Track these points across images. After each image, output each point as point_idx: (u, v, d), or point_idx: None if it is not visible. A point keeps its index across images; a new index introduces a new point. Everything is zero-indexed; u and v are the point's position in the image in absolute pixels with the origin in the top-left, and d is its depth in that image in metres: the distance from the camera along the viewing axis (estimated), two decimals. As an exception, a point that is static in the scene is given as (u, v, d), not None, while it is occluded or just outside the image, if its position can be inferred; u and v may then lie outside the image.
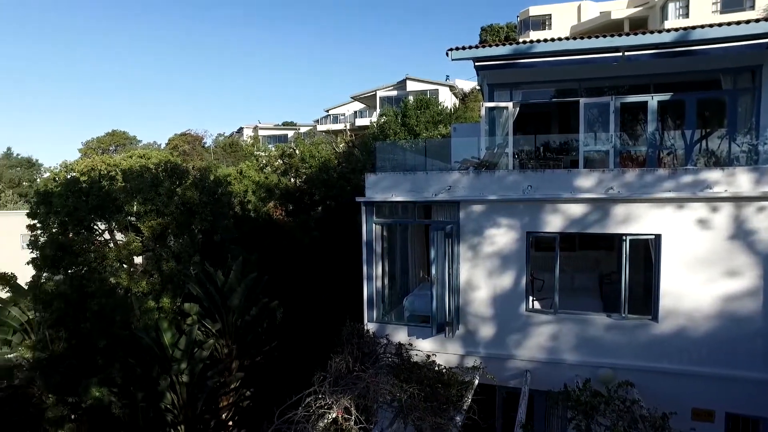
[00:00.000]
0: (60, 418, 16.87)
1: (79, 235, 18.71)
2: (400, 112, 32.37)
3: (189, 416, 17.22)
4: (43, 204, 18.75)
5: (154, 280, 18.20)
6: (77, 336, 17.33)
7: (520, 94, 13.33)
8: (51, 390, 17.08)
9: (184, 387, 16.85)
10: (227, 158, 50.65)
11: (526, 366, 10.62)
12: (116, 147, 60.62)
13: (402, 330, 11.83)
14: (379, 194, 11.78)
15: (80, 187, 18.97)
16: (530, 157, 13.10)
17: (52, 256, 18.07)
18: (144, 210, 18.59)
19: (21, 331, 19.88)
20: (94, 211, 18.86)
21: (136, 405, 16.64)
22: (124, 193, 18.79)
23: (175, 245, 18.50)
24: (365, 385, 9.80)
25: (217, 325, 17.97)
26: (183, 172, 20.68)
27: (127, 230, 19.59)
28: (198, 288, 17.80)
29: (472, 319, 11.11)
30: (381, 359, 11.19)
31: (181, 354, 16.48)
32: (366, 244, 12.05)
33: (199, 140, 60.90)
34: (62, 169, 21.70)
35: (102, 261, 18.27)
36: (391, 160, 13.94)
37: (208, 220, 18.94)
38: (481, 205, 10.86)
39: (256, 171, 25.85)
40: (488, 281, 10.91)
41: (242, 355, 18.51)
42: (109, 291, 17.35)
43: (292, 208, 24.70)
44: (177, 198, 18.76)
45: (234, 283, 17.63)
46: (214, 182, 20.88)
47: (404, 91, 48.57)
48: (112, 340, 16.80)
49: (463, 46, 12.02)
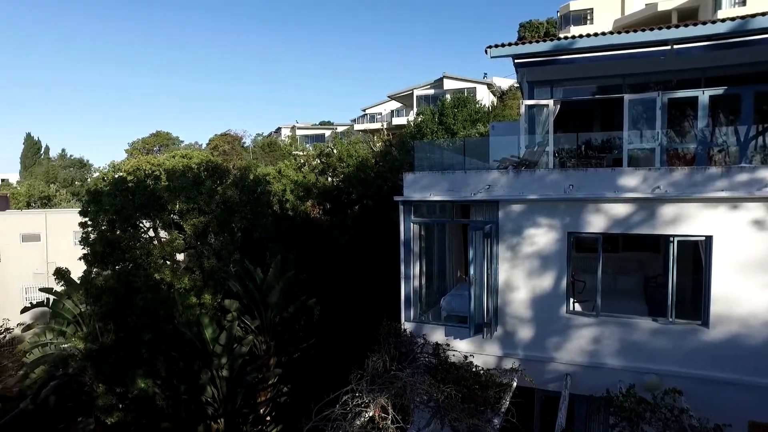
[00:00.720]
0: (109, 406, 17.60)
1: (126, 232, 19.43)
2: (437, 111, 32.15)
3: (228, 410, 17.65)
4: (94, 202, 19.56)
5: (195, 276, 18.71)
6: (124, 329, 18.01)
7: (561, 92, 13.01)
8: (101, 379, 17.84)
9: (224, 381, 17.27)
10: (265, 158, 51.52)
11: (566, 369, 10.37)
12: (160, 147, 62.61)
13: (439, 330, 11.73)
14: (417, 193, 11.72)
15: (127, 187, 19.71)
16: (571, 155, 12.78)
17: (101, 252, 18.83)
18: (186, 208, 19.14)
19: (74, 323, 20.87)
20: (140, 210, 19.54)
21: (179, 397, 17.17)
22: (167, 192, 19.39)
23: (215, 243, 18.97)
24: (402, 385, 9.78)
25: (256, 322, 18.33)
26: (224, 171, 21.19)
27: (171, 228, 20.20)
28: (238, 285, 18.19)
29: (510, 320, 10.93)
30: (418, 359, 11.15)
31: (221, 349, 16.89)
32: (403, 243, 12.01)
33: (239, 140, 62.21)
34: (110, 169, 22.61)
35: (147, 257, 18.92)
36: (429, 159, 13.85)
37: (247, 218, 19.33)
38: (520, 204, 10.66)
39: (294, 170, 26.20)
40: (527, 282, 10.70)
41: (280, 351, 18.82)
42: (154, 286, 17.96)
43: (330, 207, 24.90)
44: (218, 197, 19.23)
45: (272, 281, 17.93)
46: (254, 181, 21.29)
47: (441, 89, 48.22)
48: (157, 333, 17.37)
49: (502, 43, 11.82)
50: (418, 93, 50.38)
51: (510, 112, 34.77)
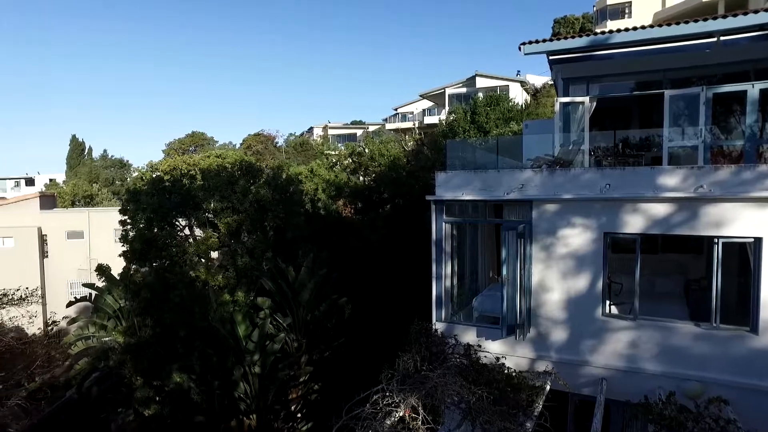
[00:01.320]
0: (147, 398, 18.11)
1: (163, 230, 19.93)
2: (470, 110, 31.86)
3: (260, 406, 17.90)
4: (132, 201, 20.13)
5: (229, 274, 19.04)
6: (161, 324, 18.49)
7: (597, 88, 12.67)
8: (139, 372, 18.38)
9: (256, 378, 17.52)
10: (298, 157, 52.11)
11: (601, 373, 10.08)
12: (195, 147, 64.11)
13: (470, 331, 11.60)
14: (449, 192, 11.61)
15: (164, 186, 20.21)
16: (607, 154, 12.41)
17: (139, 249, 19.36)
18: (221, 207, 19.49)
19: (114, 317, 21.60)
20: (176, 208, 20.01)
21: (213, 392, 17.51)
22: (202, 191, 19.79)
23: (249, 241, 19.27)
24: (433, 385, 9.70)
25: (288, 320, 18.52)
26: (257, 171, 21.50)
27: (206, 226, 20.63)
28: (270, 283, 18.43)
29: (543, 321, 10.70)
30: (449, 359, 11.04)
31: (254, 346, 17.14)
32: (435, 242, 11.92)
33: (272, 140, 63.11)
34: (148, 169, 23.26)
35: (183, 255, 19.36)
36: (461, 158, 13.72)
37: (280, 217, 19.56)
38: (555, 204, 10.42)
39: (326, 169, 26.41)
40: (562, 283, 10.45)
41: (311, 349, 18.97)
42: (189, 283, 18.36)
43: (361, 206, 24.99)
44: (251, 196, 19.51)
45: (305, 279, 18.09)
46: (286, 181, 21.53)
47: (473, 87, 47.75)
48: (192, 329, 17.76)
49: (536, 39, 11.59)
50: (450, 91, 50.02)
51: (544, 110, 34.15)
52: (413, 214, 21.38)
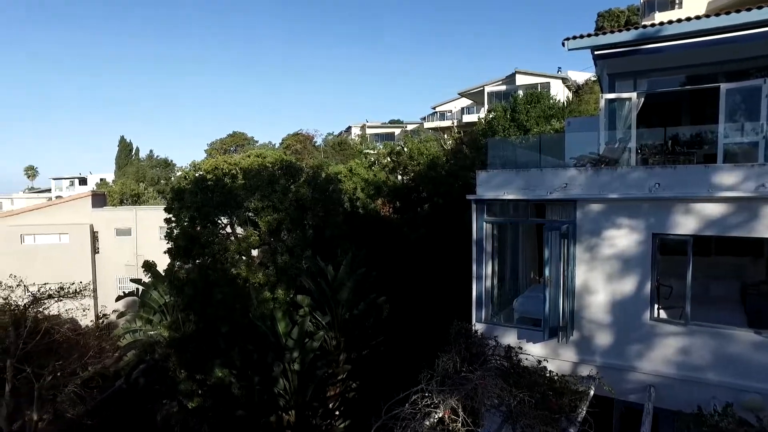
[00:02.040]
0: (190, 391, 18.63)
1: (205, 228, 20.45)
2: (509, 108, 31.30)
3: (299, 402, 18.12)
4: (177, 200, 20.74)
5: (269, 272, 19.35)
6: (204, 320, 18.98)
7: (646, 83, 12.17)
8: (183, 366, 18.93)
9: (295, 375, 17.75)
10: (336, 156, 52.53)
11: (649, 380, 9.68)
12: (236, 147, 65.53)
13: (511, 332, 11.38)
14: (490, 192, 11.41)
15: (207, 185, 20.72)
16: (655, 151, 11.92)
17: (183, 246, 19.93)
18: (261, 206, 19.82)
19: (160, 312, 22.31)
20: (218, 207, 20.48)
21: (253, 387, 17.85)
22: (244, 190, 20.18)
23: (288, 240, 19.53)
24: (473, 387, 9.56)
25: (327, 318, 18.67)
26: (297, 170, 21.77)
27: (246, 225, 21.04)
28: (309, 281, 18.63)
29: (587, 324, 10.38)
30: (489, 361, 10.86)
31: (293, 343, 17.37)
32: (476, 242, 11.74)
33: (310, 139, 63.86)
34: (191, 169, 23.90)
35: (224, 253, 19.81)
36: (502, 157, 13.49)
37: (319, 216, 19.75)
38: (600, 204, 10.09)
39: (365, 169, 26.49)
40: (607, 285, 10.11)
41: (350, 348, 19.07)
42: (231, 281, 18.78)
43: (400, 205, 24.96)
44: (291, 195, 19.78)
45: (343, 278, 18.20)
46: (326, 180, 21.72)
47: (513, 85, 46.91)
48: (233, 326, 18.16)
49: (580, 34, 11.24)
50: (489, 89, 49.32)
51: (586, 107, 33.22)
52: (452, 214, 21.18)
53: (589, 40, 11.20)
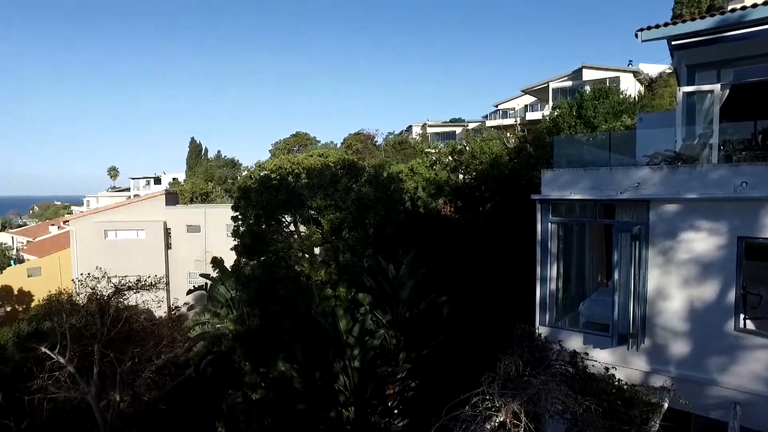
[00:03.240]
0: (254, 383, 19.29)
1: (270, 226, 21.06)
2: (575, 104, 30.14)
3: (359, 399, 18.31)
4: (243, 199, 21.49)
5: (331, 270, 19.67)
6: (268, 315, 19.58)
7: (731, 74, 11.28)
8: (247, 359, 19.63)
9: (355, 372, 17.95)
10: (396, 156, 52.65)
11: (734, 396, 8.97)
12: (299, 147, 67.14)
13: (576, 337, 10.95)
14: (556, 191, 11.03)
15: (272, 184, 21.33)
16: (742, 147, 11.05)
17: (249, 244, 20.64)
18: (324, 205, 20.17)
19: (226, 306, 23.29)
20: (283, 205, 21.03)
21: (314, 382, 18.22)
22: (307, 189, 20.61)
23: (350, 238, 19.77)
24: (536, 392, 9.30)
25: (387, 317, 18.75)
26: (359, 169, 22.00)
27: (309, 223, 21.49)
28: (371, 280, 18.77)
29: (660, 332, 9.80)
30: (553, 366, 10.52)
31: (354, 341, 17.57)
32: (540, 243, 11.39)
33: (371, 139, 64.43)
34: (256, 168, 24.72)
35: (288, 250, 20.32)
36: (568, 156, 12.99)
37: (380, 215, 19.85)
38: (677, 204, 9.48)
39: (426, 168, 26.39)
40: (683, 291, 9.49)
41: (409, 347, 19.05)
42: (294, 278, 19.25)
43: (461, 204, 24.67)
44: (353, 194, 20.00)
45: (404, 277, 18.21)
46: (387, 179, 21.81)
47: (580, 80, 45.13)
48: (296, 321, 18.61)
49: (656, 24, 10.59)
50: (554, 86, 47.73)
51: (660, 101, 31.39)
52: (515, 214, 20.69)
53: (666, 29, 10.54)
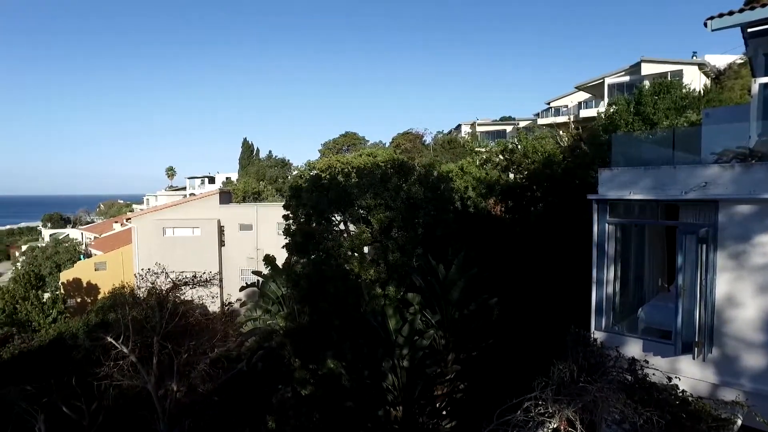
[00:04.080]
0: (304, 380, 19.60)
1: (320, 225, 21.34)
2: (633, 100, 28.84)
3: (407, 399, 18.26)
4: (294, 198, 21.89)
5: (380, 269, 19.71)
6: (317, 312, 19.84)
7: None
8: (297, 355, 19.97)
9: (404, 371, 17.91)
10: (445, 155, 52.21)
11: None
12: (348, 147, 67.78)
13: (635, 343, 10.49)
14: (614, 191, 10.60)
15: (322, 183, 21.61)
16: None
17: (299, 242, 20.99)
18: (374, 204, 20.24)
19: (277, 303, 23.77)
20: (333, 204, 21.26)
21: (362, 380, 18.30)
22: (357, 188, 20.75)
23: (399, 237, 19.75)
24: (592, 399, 8.96)
25: (437, 317, 18.61)
26: (409, 168, 21.97)
27: (359, 222, 21.62)
28: (420, 279, 18.68)
29: (731, 341, 9.21)
30: (609, 373, 10.10)
31: (403, 340, 17.54)
32: (597, 245, 10.98)
33: (420, 138, 64.18)
34: (307, 168, 25.13)
35: (338, 249, 20.53)
36: (626, 153, 12.43)
37: (430, 214, 19.73)
38: (750, 205, 8.87)
39: (476, 167, 26.02)
40: (758, 299, 8.88)
41: (459, 348, 18.84)
42: (343, 276, 19.41)
43: (512, 204, 24.16)
44: (403, 193, 19.98)
45: (454, 277, 18.01)
46: (437, 178, 21.67)
47: (638, 75, 43.17)
48: (345, 319, 18.76)
49: (729, 11, 9.91)
50: (610, 81, 45.91)
51: (730, 94, 29.60)
52: (568, 214, 20.06)
53: (740, 16, 9.83)
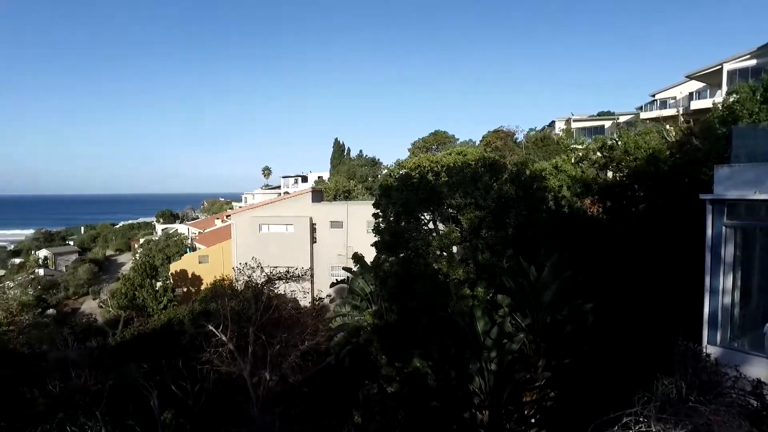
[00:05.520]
0: (390, 377, 19.75)
1: (409, 223, 21.37)
2: (761, 86, 25.66)
3: (494, 403, 17.76)
4: (384, 196, 22.10)
5: (469, 269, 19.35)
6: (405, 311, 19.89)
7: None
8: (384, 352, 20.16)
9: (492, 375, 17.44)
10: (538, 153, 50.28)
11: None
12: (437, 146, 67.46)
13: (759, 362, 9.40)
14: (734, 190, 9.55)
15: (411, 182, 21.62)
16: None
17: (388, 240, 21.15)
18: (464, 203, 19.92)
19: (365, 300, 24.17)
20: (422, 203, 21.20)
21: (448, 381, 18.07)
22: (446, 187, 20.52)
23: (489, 237, 19.27)
24: (705, 422, 8.11)
25: (527, 320, 17.94)
26: (500, 167, 21.40)
27: (448, 221, 21.38)
28: (510, 281, 18.10)
29: None
30: (726, 394, 9.12)
31: (491, 343, 17.08)
32: (710, 249, 9.97)
33: (511, 136, 62.37)
34: (396, 167, 25.25)
35: (426, 248, 20.43)
36: (750, 148, 11.11)
37: (522, 214, 19.08)
38: None
39: (572, 165, 24.72)
40: None
41: (550, 354, 18.03)
42: (432, 275, 19.29)
43: (611, 204, 22.65)
44: (493, 192, 19.49)
45: (547, 280, 17.26)
46: (530, 177, 20.92)
47: (767, 58, 38.50)
48: (432, 319, 18.63)
49: None
50: (730, 67, 41.24)
51: None
52: (675, 215, 18.44)
53: None
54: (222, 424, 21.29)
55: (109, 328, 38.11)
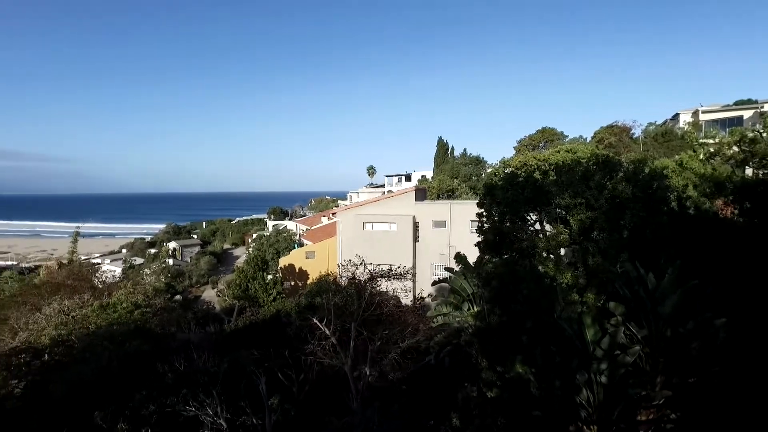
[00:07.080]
0: (491, 381, 19.20)
1: (514, 224, 20.62)
2: None
3: (603, 419, 16.51)
4: (488, 195, 21.55)
5: (578, 273, 18.22)
6: (508, 314, 19.21)
7: None
8: (485, 355, 19.66)
9: (601, 388, 16.24)
10: (658, 149, 46.13)
11: None
12: (545, 143, 64.71)
13: None
14: None
15: (517, 181, 20.82)
16: None
17: (492, 241, 20.58)
18: (573, 203, 18.80)
19: (467, 301, 23.81)
20: (528, 203, 20.34)
21: (552, 391, 17.12)
22: (555, 186, 19.49)
23: (601, 240, 17.99)
24: None
25: (643, 332, 16.47)
26: (615, 165, 19.90)
27: (556, 222, 20.31)
28: (624, 288, 16.74)
29: None
30: None
31: (602, 353, 15.90)
32: None
33: (627, 131, 58.04)
34: (501, 165, 24.50)
35: (532, 249, 19.57)
36: None
37: (639, 216, 17.54)
38: None
39: (700, 162, 22.25)
40: None
41: (670, 371, 16.39)
42: (537, 278, 18.42)
43: (750, 206, 20.01)
44: (607, 192, 18.16)
45: (667, 289, 15.71)
46: (649, 176, 19.16)
47: None
48: (537, 323, 17.79)
49: None
50: None
51: None
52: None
53: None
54: (324, 413, 22.13)
55: (224, 315, 41.49)
